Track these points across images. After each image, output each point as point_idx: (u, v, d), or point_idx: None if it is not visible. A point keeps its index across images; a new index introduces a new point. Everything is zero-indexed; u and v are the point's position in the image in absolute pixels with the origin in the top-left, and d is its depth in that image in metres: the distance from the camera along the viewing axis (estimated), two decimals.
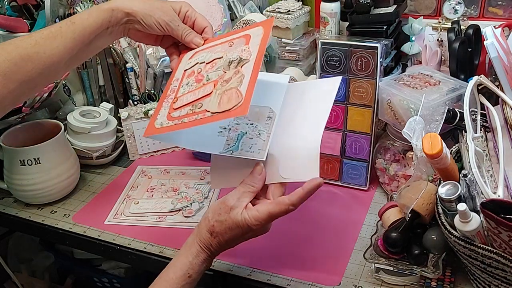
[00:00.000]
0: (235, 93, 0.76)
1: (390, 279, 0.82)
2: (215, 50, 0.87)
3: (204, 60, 0.86)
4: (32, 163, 1.02)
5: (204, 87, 0.81)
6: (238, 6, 1.29)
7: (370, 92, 1.00)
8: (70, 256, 1.40)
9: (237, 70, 0.79)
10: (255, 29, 0.85)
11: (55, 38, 0.82)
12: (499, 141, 0.83)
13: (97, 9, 0.85)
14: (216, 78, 0.81)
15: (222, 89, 0.78)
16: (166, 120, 0.81)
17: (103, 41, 0.87)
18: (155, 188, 1.11)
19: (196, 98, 0.80)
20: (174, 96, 0.84)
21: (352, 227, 0.96)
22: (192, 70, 0.86)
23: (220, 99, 0.77)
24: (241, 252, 0.89)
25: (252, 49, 0.81)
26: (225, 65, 0.82)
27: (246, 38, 0.84)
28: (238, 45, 0.84)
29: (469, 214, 0.70)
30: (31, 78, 0.81)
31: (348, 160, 1.06)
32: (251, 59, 0.79)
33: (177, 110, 0.81)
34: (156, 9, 0.87)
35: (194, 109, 0.79)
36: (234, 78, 0.78)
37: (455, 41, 1.01)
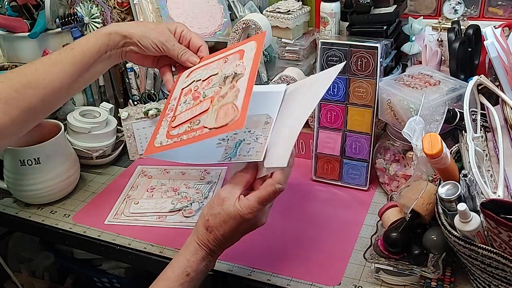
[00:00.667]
0: (231, 107, 0.77)
1: (390, 279, 0.82)
2: (211, 67, 0.88)
3: (201, 78, 0.87)
4: (32, 163, 1.02)
5: (201, 104, 0.82)
6: (238, 6, 1.29)
7: (370, 92, 1.00)
8: (70, 256, 1.40)
9: (232, 85, 0.80)
10: (248, 44, 0.86)
11: (55, 65, 0.85)
12: (499, 141, 0.83)
13: (95, 34, 0.89)
14: (212, 94, 0.82)
15: (218, 104, 0.79)
16: (165, 139, 0.82)
17: (102, 65, 0.90)
18: (155, 188, 1.11)
19: (193, 115, 0.82)
20: (172, 115, 0.85)
21: (352, 227, 0.96)
22: (189, 88, 0.87)
23: (217, 115, 0.78)
24: (241, 252, 0.89)
25: (246, 63, 0.82)
26: (221, 81, 0.83)
27: (240, 53, 0.85)
28: (232, 61, 0.85)
29: (469, 214, 0.70)
30: (33, 105, 0.83)
31: (348, 160, 1.06)
32: (245, 73, 0.80)
33: (176, 128, 0.83)
34: (151, 30, 0.89)
35: (192, 126, 0.80)
36: (230, 93, 0.79)
37: (455, 41, 1.01)
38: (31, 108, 0.83)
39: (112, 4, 1.33)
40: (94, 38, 0.88)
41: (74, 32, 1.30)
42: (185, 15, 1.23)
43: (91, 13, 1.34)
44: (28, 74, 0.84)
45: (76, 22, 1.29)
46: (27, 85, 0.83)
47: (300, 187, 1.09)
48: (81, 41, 0.89)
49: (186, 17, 1.22)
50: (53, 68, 0.85)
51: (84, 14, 1.34)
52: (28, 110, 0.83)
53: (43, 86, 0.84)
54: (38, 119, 0.89)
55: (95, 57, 0.87)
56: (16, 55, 1.30)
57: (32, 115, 0.85)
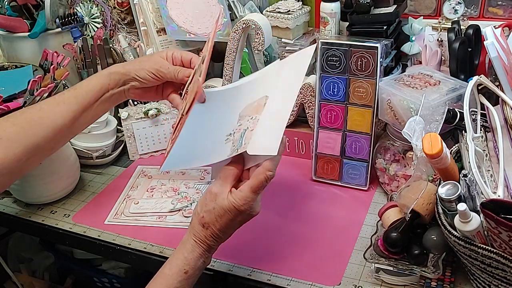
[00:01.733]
0: (195, 82, 0.81)
1: (390, 279, 0.82)
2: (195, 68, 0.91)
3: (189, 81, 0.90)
4: None
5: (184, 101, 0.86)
6: (238, 6, 1.29)
7: (370, 92, 1.00)
8: (70, 256, 1.40)
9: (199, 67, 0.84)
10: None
11: (58, 104, 0.90)
12: (499, 141, 0.83)
13: (96, 75, 0.94)
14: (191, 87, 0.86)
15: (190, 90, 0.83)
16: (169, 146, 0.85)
17: (104, 105, 0.94)
18: (155, 188, 1.11)
19: (180, 114, 0.85)
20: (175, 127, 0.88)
21: (352, 227, 0.96)
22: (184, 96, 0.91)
23: (187, 98, 0.82)
24: (241, 252, 0.89)
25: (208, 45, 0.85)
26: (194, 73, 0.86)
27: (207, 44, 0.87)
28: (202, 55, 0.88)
29: (469, 214, 0.70)
30: (36, 143, 0.87)
31: (348, 160, 1.06)
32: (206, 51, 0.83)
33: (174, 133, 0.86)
34: (145, 62, 0.94)
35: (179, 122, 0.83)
36: (196, 75, 0.83)
37: (455, 41, 1.01)
38: (35, 145, 0.86)
39: (112, 4, 1.34)
40: (96, 78, 0.93)
41: (74, 32, 1.30)
42: (185, 15, 1.23)
43: (91, 13, 1.34)
44: (32, 113, 0.89)
45: (76, 22, 1.29)
46: (32, 122, 0.87)
47: (300, 187, 1.09)
48: (83, 82, 0.94)
49: (186, 17, 1.22)
50: (56, 107, 0.89)
51: (84, 14, 1.34)
52: (32, 147, 0.86)
53: (47, 124, 0.88)
54: (41, 157, 0.91)
55: (97, 96, 0.92)
56: (16, 55, 1.30)
57: (35, 153, 0.88)
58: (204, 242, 0.77)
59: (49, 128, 0.88)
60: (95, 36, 1.29)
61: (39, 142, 0.87)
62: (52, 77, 1.09)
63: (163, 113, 1.22)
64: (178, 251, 0.78)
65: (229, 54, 1.17)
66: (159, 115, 1.21)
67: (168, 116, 1.22)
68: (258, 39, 1.13)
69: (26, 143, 0.86)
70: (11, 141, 0.85)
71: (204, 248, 0.77)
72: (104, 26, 1.34)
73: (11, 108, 1.04)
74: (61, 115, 0.89)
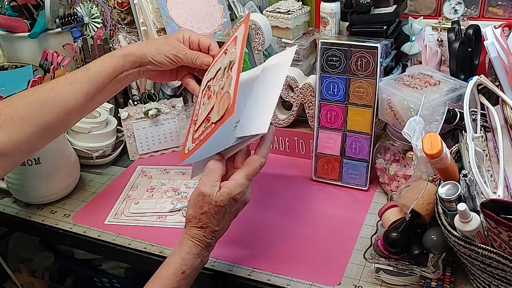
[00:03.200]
0: (227, 97, 0.78)
1: (390, 279, 0.82)
2: (217, 62, 0.89)
3: (211, 76, 0.88)
4: (32, 163, 1.02)
5: (210, 101, 0.84)
6: (238, 6, 1.29)
7: (370, 92, 1.00)
8: (70, 256, 1.40)
9: (228, 74, 0.82)
10: (240, 29, 0.87)
11: (71, 84, 0.88)
12: (499, 141, 0.83)
13: (110, 55, 0.92)
14: (218, 89, 0.83)
15: (219, 97, 0.81)
16: (192, 144, 0.85)
17: (118, 85, 0.92)
18: (155, 188, 1.11)
19: (206, 115, 0.83)
20: (195, 119, 0.88)
21: (352, 227, 0.96)
22: (205, 89, 0.89)
23: (219, 107, 0.79)
24: (241, 252, 0.89)
25: (238, 47, 0.83)
26: (222, 74, 0.84)
27: (235, 40, 0.86)
28: (230, 50, 0.86)
29: (469, 214, 0.70)
30: (48, 123, 0.85)
31: (348, 160, 1.06)
32: (236, 59, 0.81)
33: (197, 131, 0.85)
34: (162, 45, 0.92)
35: (206, 125, 0.82)
36: (226, 83, 0.81)
37: (455, 41, 1.01)
38: (46, 125, 0.85)
39: (112, 4, 1.33)
40: (109, 59, 0.91)
41: (74, 32, 1.30)
42: (185, 15, 1.23)
43: (91, 13, 1.34)
44: (44, 92, 0.87)
45: (76, 22, 1.29)
46: (44, 102, 0.85)
47: (300, 187, 1.09)
48: (96, 62, 0.91)
49: (186, 17, 1.22)
50: (69, 86, 0.87)
51: (84, 14, 1.34)
52: (43, 127, 0.85)
53: (59, 104, 0.86)
54: (52, 137, 0.90)
55: (111, 77, 0.90)
56: (16, 55, 1.30)
57: (47, 133, 0.87)
58: (203, 241, 0.77)
59: (61, 108, 0.86)
60: (95, 36, 1.29)
61: (51, 123, 0.86)
62: (52, 77, 1.10)
63: (163, 113, 1.22)
64: (175, 252, 0.78)
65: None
66: (159, 115, 1.21)
67: (168, 116, 1.22)
68: (258, 39, 1.13)
69: (37, 123, 0.84)
70: (23, 121, 0.83)
71: (201, 246, 0.77)
72: (104, 26, 1.34)
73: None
74: (74, 95, 0.87)
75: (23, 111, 0.84)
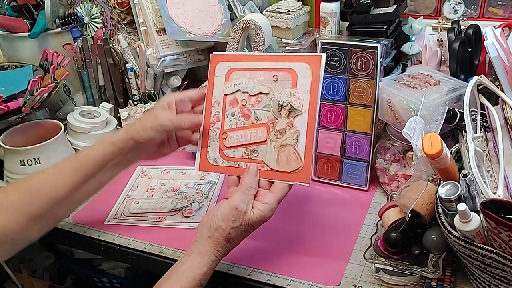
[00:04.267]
0: (293, 153, 0.81)
1: (390, 279, 0.82)
2: (257, 77, 0.86)
3: (247, 90, 0.86)
4: (32, 163, 1.02)
5: (256, 130, 0.84)
6: (238, 6, 1.29)
7: (370, 92, 1.00)
8: (70, 256, 1.40)
9: (290, 122, 0.82)
10: (300, 66, 0.83)
11: (59, 171, 0.88)
12: (499, 141, 0.83)
13: (100, 143, 0.90)
14: (266, 121, 0.84)
15: (277, 142, 0.83)
16: (220, 158, 0.87)
17: (110, 172, 0.91)
18: (155, 188, 1.11)
19: (249, 142, 0.85)
20: (221, 128, 0.87)
21: (352, 227, 0.96)
22: (235, 98, 0.87)
23: (278, 156, 0.82)
24: (241, 252, 0.89)
25: (303, 96, 0.82)
26: (275, 108, 0.84)
27: (292, 75, 0.83)
28: (284, 83, 0.83)
29: (469, 214, 0.70)
30: (38, 212, 0.85)
31: (348, 160, 1.06)
32: (303, 111, 0.81)
33: (230, 149, 0.86)
34: (145, 120, 0.89)
35: (250, 155, 0.84)
36: (289, 133, 0.82)
37: (455, 41, 1.01)
38: (36, 214, 0.85)
39: (112, 4, 1.34)
40: (98, 147, 0.89)
41: (74, 32, 1.30)
42: (185, 15, 1.23)
43: (91, 13, 1.34)
44: (34, 180, 0.87)
45: (76, 22, 1.29)
46: (33, 190, 0.85)
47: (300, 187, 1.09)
48: (86, 150, 0.91)
49: (186, 17, 1.22)
50: (57, 174, 0.87)
51: (84, 14, 1.34)
52: (33, 216, 0.84)
53: (47, 191, 0.85)
54: (44, 226, 0.89)
55: (100, 165, 0.88)
56: (16, 55, 1.30)
57: (38, 221, 0.86)
58: (224, 254, 0.80)
59: (50, 196, 0.86)
60: (95, 36, 1.29)
61: (40, 211, 0.85)
62: (52, 77, 1.10)
63: None
64: (196, 265, 0.77)
65: None
66: None
67: None
68: (258, 39, 1.13)
69: (27, 212, 0.84)
70: (13, 209, 0.83)
71: (219, 258, 0.80)
72: (104, 26, 1.34)
73: (11, 108, 1.05)
74: (62, 185, 0.87)
75: (13, 199, 0.84)
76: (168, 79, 1.28)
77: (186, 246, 0.93)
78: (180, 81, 1.28)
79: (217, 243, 0.79)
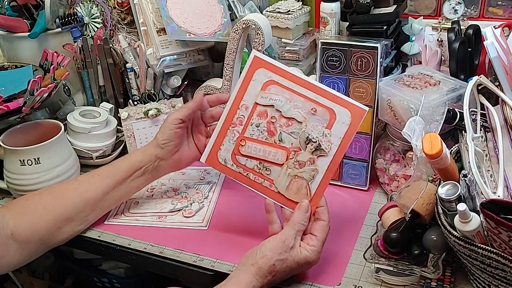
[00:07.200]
0: (305, 188, 0.83)
1: (390, 279, 0.82)
2: (295, 101, 0.85)
3: (281, 109, 0.86)
4: (32, 163, 1.02)
5: (276, 151, 0.85)
6: (238, 6, 1.29)
7: (370, 92, 1.00)
8: (70, 256, 1.39)
9: (312, 159, 0.84)
10: (342, 110, 0.83)
11: (93, 177, 0.96)
12: (499, 141, 0.83)
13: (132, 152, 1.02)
14: (289, 146, 0.85)
15: (294, 171, 0.84)
16: (230, 160, 0.88)
17: (138, 181, 0.98)
18: (155, 188, 1.11)
19: (265, 158, 0.86)
20: (241, 133, 0.88)
21: (352, 227, 0.96)
22: (265, 111, 0.87)
23: (290, 183, 0.84)
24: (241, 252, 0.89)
25: (333, 140, 0.83)
26: (302, 139, 0.85)
27: (331, 115, 0.83)
28: (320, 120, 0.84)
29: (469, 214, 0.70)
30: (67, 211, 0.92)
31: (348, 160, 1.06)
32: (329, 154, 0.83)
33: (244, 156, 0.87)
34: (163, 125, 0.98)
35: (261, 171, 0.85)
36: (308, 168, 0.84)
37: (455, 41, 1.01)
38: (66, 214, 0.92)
39: (112, 4, 1.33)
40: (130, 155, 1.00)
41: (74, 32, 1.30)
42: (185, 15, 1.23)
43: (91, 13, 1.34)
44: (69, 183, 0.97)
45: (76, 22, 1.29)
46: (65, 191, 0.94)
47: None
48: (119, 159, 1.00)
49: (186, 17, 1.22)
50: (91, 179, 0.96)
51: (84, 14, 1.34)
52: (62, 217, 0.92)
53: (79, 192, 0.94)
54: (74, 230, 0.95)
55: (129, 172, 0.96)
56: (16, 55, 1.30)
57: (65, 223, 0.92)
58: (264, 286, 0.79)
59: (81, 197, 0.93)
60: (95, 36, 1.29)
61: (70, 212, 0.92)
62: (52, 77, 1.09)
63: (163, 113, 1.22)
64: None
65: (229, 54, 1.17)
66: (159, 115, 1.21)
67: None
68: (258, 39, 1.13)
69: (58, 212, 0.91)
70: (45, 209, 0.90)
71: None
72: (104, 26, 1.34)
73: (11, 108, 1.04)
74: (94, 187, 0.94)
75: (47, 199, 0.92)
76: (168, 79, 1.28)
77: (186, 246, 0.93)
78: (180, 81, 1.28)
79: (260, 272, 0.78)
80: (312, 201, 0.81)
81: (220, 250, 0.92)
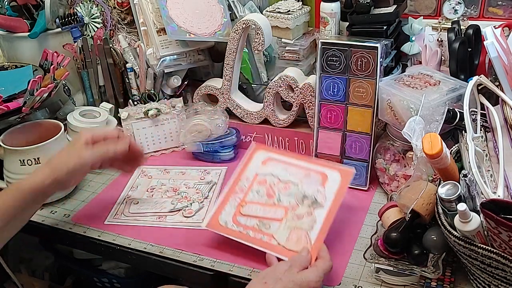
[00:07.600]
0: (305, 237, 0.85)
1: (390, 279, 0.82)
2: (291, 171, 0.95)
3: (279, 176, 0.95)
4: (32, 163, 1.02)
5: (275, 209, 0.90)
6: (238, 6, 1.29)
7: (370, 92, 1.00)
8: (70, 256, 1.39)
9: (310, 211, 0.89)
10: (332, 172, 0.94)
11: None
12: (499, 141, 0.83)
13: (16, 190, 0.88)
14: (287, 204, 0.91)
15: (292, 223, 0.88)
16: (231, 221, 0.91)
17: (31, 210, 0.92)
18: (155, 188, 1.11)
19: (265, 216, 0.90)
20: (242, 198, 0.93)
21: (352, 227, 0.96)
22: (265, 179, 0.95)
23: (289, 234, 0.86)
24: (241, 252, 0.89)
25: (328, 195, 0.90)
26: (299, 197, 0.91)
27: (323, 177, 0.93)
28: (314, 182, 0.93)
29: (469, 214, 0.70)
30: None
31: (348, 160, 1.06)
32: (325, 206, 0.89)
33: (244, 217, 0.90)
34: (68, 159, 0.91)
35: (261, 227, 0.89)
36: (306, 219, 0.88)
37: (455, 41, 1.01)
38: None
39: (112, 4, 1.33)
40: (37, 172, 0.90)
41: (74, 32, 1.30)
42: (185, 15, 1.23)
43: (91, 13, 1.34)
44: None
45: (76, 22, 1.29)
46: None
47: None
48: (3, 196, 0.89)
49: (186, 17, 1.22)
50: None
51: (84, 14, 1.34)
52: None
53: None
54: None
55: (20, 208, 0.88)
56: (16, 55, 1.30)
57: None
58: None
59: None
60: (95, 36, 1.29)
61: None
62: (52, 77, 1.09)
63: (163, 113, 1.22)
64: None
65: (229, 54, 1.17)
66: (159, 115, 1.21)
67: (168, 116, 1.22)
68: (258, 39, 1.13)
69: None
70: None
71: None
72: (104, 26, 1.34)
73: (11, 108, 1.05)
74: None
75: None
76: (168, 79, 1.28)
77: (186, 246, 0.93)
78: (180, 81, 1.28)
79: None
80: (313, 249, 0.83)
81: (219, 250, 0.92)
